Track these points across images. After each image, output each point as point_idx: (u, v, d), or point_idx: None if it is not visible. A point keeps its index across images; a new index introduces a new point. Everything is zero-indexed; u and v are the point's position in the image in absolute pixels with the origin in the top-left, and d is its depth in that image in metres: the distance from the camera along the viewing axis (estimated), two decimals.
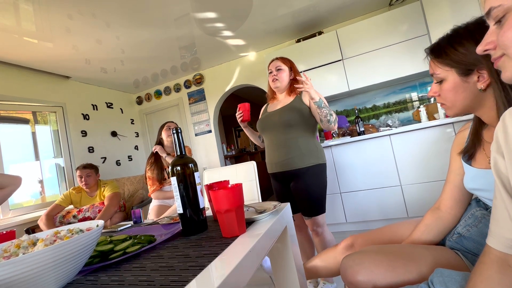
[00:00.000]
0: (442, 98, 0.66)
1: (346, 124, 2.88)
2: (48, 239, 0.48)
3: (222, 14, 2.32)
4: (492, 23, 0.42)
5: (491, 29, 0.42)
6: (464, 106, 0.63)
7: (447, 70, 0.62)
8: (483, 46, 0.44)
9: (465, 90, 0.61)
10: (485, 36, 0.43)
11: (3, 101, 2.41)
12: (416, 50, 2.40)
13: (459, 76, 0.61)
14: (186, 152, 0.76)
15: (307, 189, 1.37)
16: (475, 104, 0.62)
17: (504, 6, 0.38)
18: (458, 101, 0.63)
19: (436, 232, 0.77)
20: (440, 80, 0.65)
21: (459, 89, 0.62)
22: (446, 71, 0.63)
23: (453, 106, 0.65)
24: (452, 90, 0.63)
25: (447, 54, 0.62)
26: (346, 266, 0.70)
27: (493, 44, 0.42)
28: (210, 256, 0.51)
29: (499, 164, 0.43)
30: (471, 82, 0.60)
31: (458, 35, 0.61)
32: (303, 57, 2.79)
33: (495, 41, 0.42)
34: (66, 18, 1.97)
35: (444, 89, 0.64)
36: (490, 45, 0.43)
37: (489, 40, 0.43)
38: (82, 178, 2.24)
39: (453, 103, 0.65)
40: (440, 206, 0.78)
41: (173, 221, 0.91)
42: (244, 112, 1.50)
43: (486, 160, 0.64)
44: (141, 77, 3.45)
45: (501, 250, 0.43)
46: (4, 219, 2.25)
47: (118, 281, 0.46)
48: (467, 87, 0.61)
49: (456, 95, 0.63)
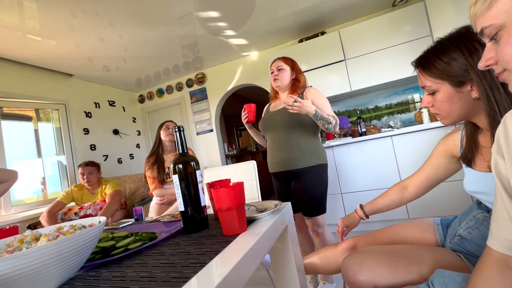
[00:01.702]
0: (437, 108, 0.66)
1: (347, 124, 2.87)
2: (51, 234, 0.49)
3: (224, 14, 2.32)
4: (487, 40, 0.43)
5: (488, 46, 0.44)
6: (460, 115, 0.64)
7: (438, 82, 0.62)
8: (484, 62, 0.45)
9: (460, 100, 0.62)
10: (484, 53, 0.45)
11: (6, 98, 2.42)
12: (419, 51, 2.33)
13: (452, 87, 0.61)
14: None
15: (308, 189, 1.37)
16: (471, 112, 0.63)
17: (495, 24, 0.40)
18: (455, 111, 0.64)
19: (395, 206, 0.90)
20: (433, 91, 0.65)
21: (454, 99, 0.62)
22: (438, 84, 0.62)
23: (449, 116, 0.65)
24: (447, 100, 0.63)
25: (435, 67, 0.62)
26: (347, 266, 0.70)
27: (493, 60, 0.43)
28: (211, 253, 0.51)
29: (499, 166, 0.43)
30: (465, 91, 0.60)
31: (444, 46, 0.62)
32: (306, 57, 2.79)
33: (495, 57, 0.43)
34: (70, 16, 1.98)
35: (438, 100, 0.64)
36: (491, 60, 0.44)
37: (489, 56, 0.44)
38: (84, 175, 2.25)
39: (449, 113, 0.65)
40: (408, 188, 0.89)
41: (174, 219, 0.92)
42: (250, 113, 1.49)
43: (485, 164, 0.64)
44: (144, 76, 3.46)
45: (502, 251, 0.43)
46: (7, 215, 2.27)
47: (120, 277, 0.47)
48: (462, 96, 0.61)
49: (452, 105, 0.63)
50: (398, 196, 0.90)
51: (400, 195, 0.90)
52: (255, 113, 1.52)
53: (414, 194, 0.88)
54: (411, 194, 0.88)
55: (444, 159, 0.80)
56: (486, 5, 0.40)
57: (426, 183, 0.85)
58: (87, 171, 2.27)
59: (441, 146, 0.81)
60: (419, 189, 0.87)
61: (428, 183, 0.85)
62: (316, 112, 1.28)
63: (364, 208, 0.94)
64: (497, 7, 0.39)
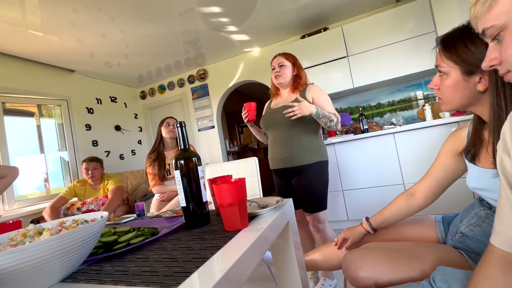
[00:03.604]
0: (441, 92, 0.66)
1: (349, 121, 2.86)
2: (54, 228, 0.49)
3: (226, 9, 2.31)
4: (489, 40, 0.43)
5: (491, 46, 0.43)
6: (460, 104, 0.64)
7: (451, 66, 0.62)
8: (488, 62, 0.44)
9: (464, 89, 0.61)
10: (487, 53, 0.44)
11: (8, 93, 2.43)
12: (422, 47, 2.37)
13: (461, 75, 0.61)
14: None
15: (309, 186, 1.37)
16: (472, 103, 0.63)
17: (497, 25, 0.39)
18: (456, 100, 0.64)
19: (404, 216, 0.83)
20: (443, 74, 0.64)
21: (459, 87, 0.62)
22: (450, 67, 0.62)
23: (449, 103, 0.66)
24: (452, 87, 0.63)
25: (456, 49, 0.61)
26: (348, 262, 0.70)
27: (497, 60, 0.43)
28: (213, 248, 0.51)
29: (505, 163, 0.42)
30: (471, 82, 0.60)
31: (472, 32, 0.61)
32: (308, 54, 2.77)
33: (498, 57, 0.43)
34: (71, 12, 1.97)
35: (444, 85, 0.64)
36: (495, 61, 0.43)
37: (492, 57, 0.43)
38: (89, 170, 2.26)
39: (450, 100, 0.65)
40: (416, 194, 0.82)
41: (176, 214, 0.92)
42: (250, 111, 1.48)
43: (489, 160, 0.64)
44: (145, 72, 3.45)
45: (505, 249, 0.43)
46: (10, 210, 2.29)
47: (122, 271, 0.47)
48: (467, 86, 0.61)
49: (455, 93, 0.63)
50: (405, 204, 0.83)
51: (408, 203, 0.82)
52: (256, 112, 1.51)
53: (423, 200, 0.80)
54: (419, 200, 0.81)
55: (452, 159, 0.76)
56: (486, 6, 0.40)
57: (435, 187, 0.78)
58: (92, 166, 2.28)
59: (448, 145, 0.77)
60: (428, 195, 0.79)
61: (437, 187, 0.78)
62: (318, 110, 1.27)
63: (370, 220, 0.87)
64: (498, 8, 0.39)
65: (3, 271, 0.37)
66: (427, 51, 2.35)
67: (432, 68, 2.36)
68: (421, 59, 2.38)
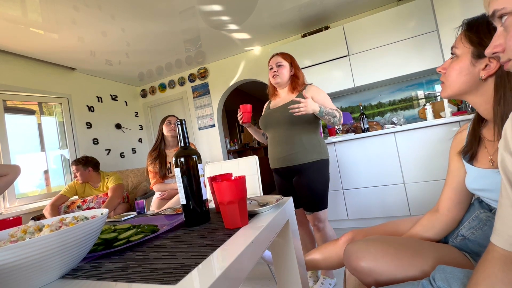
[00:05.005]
0: (446, 75, 0.66)
1: (350, 120, 2.85)
2: (54, 225, 0.49)
3: (227, 8, 2.30)
4: (499, 24, 0.42)
5: (499, 31, 0.42)
6: (460, 89, 0.64)
7: (466, 47, 0.62)
8: (492, 49, 0.44)
9: (468, 74, 0.61)
10: (493, 38, 0.43)
11: (9, 91, 2.43)
12: (424, 46, 2.36)
13: (471, 58, 0.61)
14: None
15: (310, 185, 1.37)
16: (471, 89, 0.63)
17: (507, 9, 0.39)
18: (457, 83, 0.64)
19: (432, 233, 0.77)
20: (455, 56, 0.64)
21: (464, 70, 0.62)
22: (464, 48, 0.62)
23: (449, 87, 0.65)
24: (458, 69, 0.63)
25: (478, 30, 0.60)
26: (350, 251, 0.69)
27: (501, 47, 0.42)
28: (213, 246, 0.51)
29: (506, 162, 0.42)
30: (477, 68, 0.60)
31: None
32: (309, 52, 2.76)
33: (503, 44, 0.42)
34: (72, 10, 1.97)
35: (452, 67, 0.64)
36: (498, 48, 0.43)
37: (497, 43, 0.43)
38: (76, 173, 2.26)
39: (452, 83, 0.65)
40: (439, 208, 0.78)
41: (176, 212, 0.92)
42: (244, 114, 1.46)
43: (487, 160, 0.63)
44: (146, 70, 3.45)
45: (506, 248, 0.43)
46: (11, 207, 2.29)
47: (122, 268, 0.47)
48: (471, 71, 0.61)
49: (459, 76, 0.63)
50: (428, 221, 0.78)
51: (432, 219, 0.77)
52: (251, 114, 1.50)
53: (446, 212, 0.75)
54: (443, 214, 0.76)
55: (459, 163, 0.74)
56: None
57: (455, 196, 0.74)
58: (73, 169, 2.27)
59: (453, 150, 0.77)
60: (450, 206, 0.75)
61: (456, 195, 0.74)
62: (321, 108, 1.27)
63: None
64: None
65: (3, 266, 0.38)
66: (428, 51, 2.34)
67: (433, 67, 2.35)
68: (423, 59, 2.37)
